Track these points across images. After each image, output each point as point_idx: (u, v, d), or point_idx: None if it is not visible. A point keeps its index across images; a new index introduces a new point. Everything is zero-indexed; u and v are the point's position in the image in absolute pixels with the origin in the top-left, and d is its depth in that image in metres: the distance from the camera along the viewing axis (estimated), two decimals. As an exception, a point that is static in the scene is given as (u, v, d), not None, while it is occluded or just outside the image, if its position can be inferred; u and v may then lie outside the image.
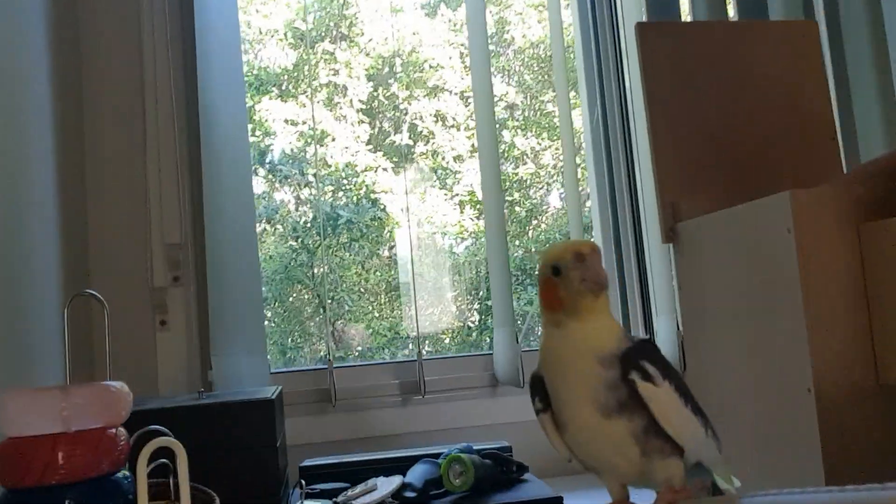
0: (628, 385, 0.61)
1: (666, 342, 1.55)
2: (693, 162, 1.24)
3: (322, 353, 2.42)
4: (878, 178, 0.95)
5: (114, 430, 0.83)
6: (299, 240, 2.63)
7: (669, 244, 1.23)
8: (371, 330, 2.78)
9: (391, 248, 2.78)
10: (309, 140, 2.57)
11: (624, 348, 0.62)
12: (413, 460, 1.23)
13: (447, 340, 2.77)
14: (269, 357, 1.45)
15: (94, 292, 0.88)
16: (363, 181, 2.64)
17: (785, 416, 0.94)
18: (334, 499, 1.13)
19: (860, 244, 0.92)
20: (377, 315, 2.80)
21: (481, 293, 2.83)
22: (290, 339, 2.70)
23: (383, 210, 2.63)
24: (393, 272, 2.76)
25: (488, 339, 2.48)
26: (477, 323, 2.85)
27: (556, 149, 2.78)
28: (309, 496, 1.13)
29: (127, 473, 0.85)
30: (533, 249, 2.87)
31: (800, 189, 0.92)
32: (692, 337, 1.18)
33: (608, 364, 0.62)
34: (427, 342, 2.65)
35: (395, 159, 2.66)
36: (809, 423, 0.90)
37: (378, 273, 2.77)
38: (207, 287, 1.35)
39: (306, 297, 2.81)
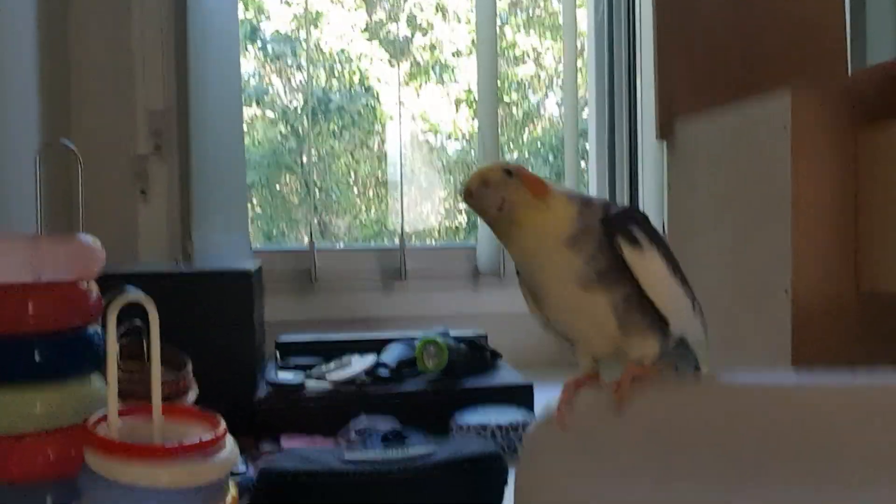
0: (611, 253, 0.59)
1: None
2: (696, 56, 1.20)
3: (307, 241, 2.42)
4: (882, 84, 0.92)
5: (85, 284, 0.82)
6: (289, 125, 2.57)
7: (663, 144, 1.20)
8: (357, 222, 2.77)
9: (382, 142, 2.74)
10: (302, 22, 2.49)
11: (594, 220, 0.59)
12: (389, 341, 1.24)
13: (430, 241, 2.78)
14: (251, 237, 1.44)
15: (67, 142, 0.85)
16: (357, 67, 2.57)
17: (759, 316, 0.94)
18: (308, 372, 1.14)
19: (857, 149, 0.89)
20: (364, 207, 2.78)
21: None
22: (275, 227, 2.69)
23: (376, 98, 2.57)
24: (382, 165, 2.73)
25: (474, 241, 2.49)
26: (465, 224, 2.84)
27: (559, 50, 2.70)
28: (283, 368, 1.14)
29: (98, 329, 0.85)
30: (527, 154, 2.83)
31: (801, 88, 0.89)
32: (677, 235, 1.17)
33: (577, 242, 0.59)
34: (413, 239, 2.65)
35: (390, 50, 2.58)
36: (783, 326, 0.90)
37: (367, 165, 2.73)
38: (190, 158, 1.32)
39: (294, 185, 2.78)
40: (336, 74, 2.56)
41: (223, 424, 0.76)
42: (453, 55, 2.76)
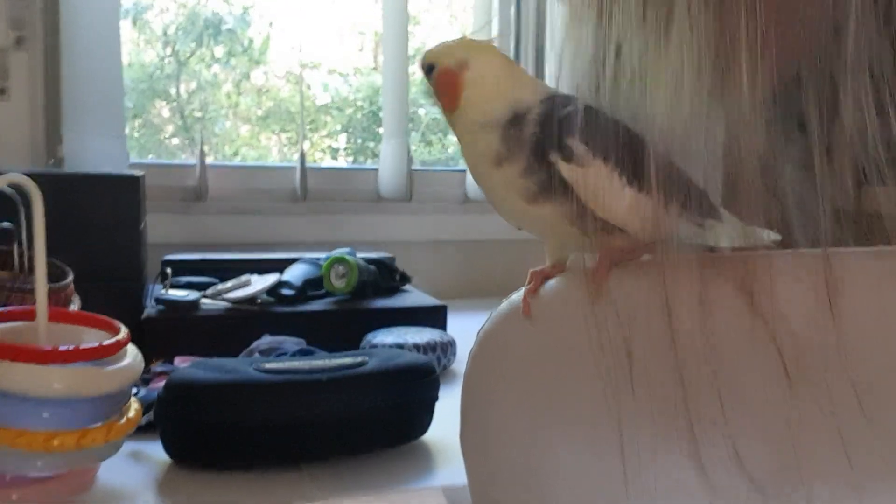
0: (549, 166, 0.50)
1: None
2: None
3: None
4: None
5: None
6: (168, 46, 2.37)
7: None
8: (240, 157, 2.62)
9: (265, 72, 2.60)
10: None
11: (527, 130, 0.50)
12: (290, 262, 1.16)
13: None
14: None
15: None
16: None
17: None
18: (203, 291, 1.04)
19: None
20: (247, 143, 2.63)
21: (354, 131, 2.73)
22: (150, 155, 2.50)
23: (270, 26, 2.42)
24: (265, 98, 2.59)
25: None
26: (352, 162, 2.75)
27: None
28: (174, 287, 1.03)
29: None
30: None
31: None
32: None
33: (505, 160, 0.52)
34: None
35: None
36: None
37: (250, 98, 2.58)
38: (60, 52, 1.16)
39: (168, 112, 2.59)
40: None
41: (125, 330, 0.66)
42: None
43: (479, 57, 0.55)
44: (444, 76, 0.54)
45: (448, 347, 0.98)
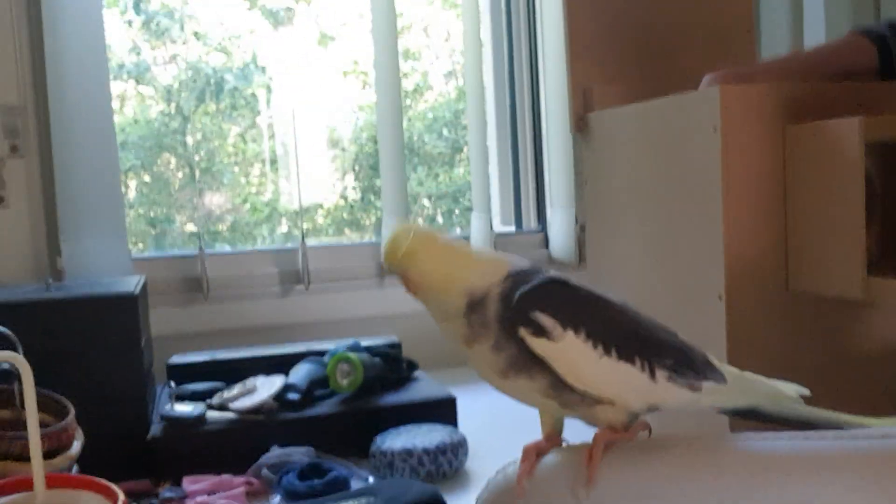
0: (519, 342, 0.51)
1: (560, 234, 1.51)
2: (607, 48, 1.16)
3: (193, 231, 2.27)
4: (809, 77, 0.90)
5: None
6: (173, 104, 2.38)
7: (573, 136, 1.16)
8: (248, 205, 2.62)
9: (269, 118, 2.60)
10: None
11: (492, 310, 0.51)
12: (295, 358, 1.15)
13: (320, 221, 2.68)
14: (133, 238, 1.29)
15: None
16: (249, 45, 2.40)
17: (692, 322, 0.91)
18: (208, 400, 1.03)
19: (785, 146, 0.87)
20: (254, 191, 2.63)
21: (361, 169, 2.71)
22: (160, 211, 2.50)
23: (271, 79, 2.43)
24: (271, 143, 2.59)
25: (373, 219, 2.39)
26: (359, 200, 2.74)
27: (448, 20, 2.63)
28: (179, 398, 1.03)
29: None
30: (420, 128, 2.76)
31: (729, 85, 0.85)
32: (596, 234, 1.13)
33: (475, 340, 0.52)
34: (309, 230, 2.55)
35: (272, 21, 2.43)
36: (717, 332, 0.87)
37: (256, 144, 2.59)
38: (53, 159, 1.16)
39: (175, 165, 2.59)
40: (226, 51, 2.39)
41: (122, 496, 0.65)
42: (341, 25, 2.64)
43: (419, 257, 0.53)
44: (401, 279, 0.56)
45: (458, 449, 0.96)
